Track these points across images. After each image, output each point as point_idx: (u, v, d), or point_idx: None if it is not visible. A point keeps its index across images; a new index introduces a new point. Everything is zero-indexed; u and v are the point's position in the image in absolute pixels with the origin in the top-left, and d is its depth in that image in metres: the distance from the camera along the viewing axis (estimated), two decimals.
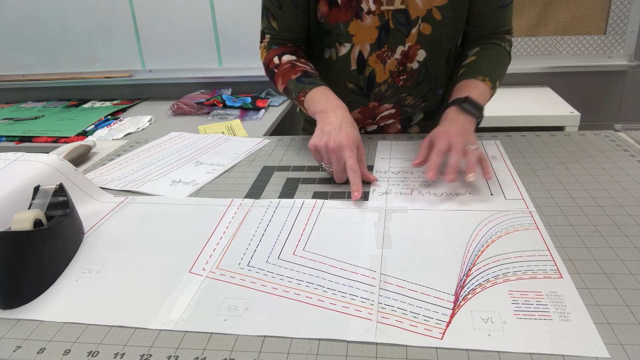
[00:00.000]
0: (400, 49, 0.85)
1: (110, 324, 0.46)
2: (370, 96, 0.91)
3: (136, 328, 0.45)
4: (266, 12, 0.88)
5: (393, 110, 0.93)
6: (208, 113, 1.78)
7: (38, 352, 0.43)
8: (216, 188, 0.74)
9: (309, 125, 1.03)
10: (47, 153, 0.70)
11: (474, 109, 0.75)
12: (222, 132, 1.55)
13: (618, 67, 1.87)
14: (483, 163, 0.69)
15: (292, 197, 0.69)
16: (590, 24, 1.83)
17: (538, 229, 0.57)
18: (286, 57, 0.86)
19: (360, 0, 0.81)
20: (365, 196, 0.68)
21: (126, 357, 0.42)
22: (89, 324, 0.46)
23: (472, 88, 0.78)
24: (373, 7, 0.81)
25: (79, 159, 0.89)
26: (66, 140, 1.60)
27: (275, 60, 0.87)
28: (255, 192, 0.72)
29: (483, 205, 0.63)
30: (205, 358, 0.41)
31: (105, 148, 0.96)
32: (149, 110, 1.90)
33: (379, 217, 0.61)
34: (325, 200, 0.67)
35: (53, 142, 1.61)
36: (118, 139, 1.45)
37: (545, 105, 1.73)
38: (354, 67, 0.87)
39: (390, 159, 0.80)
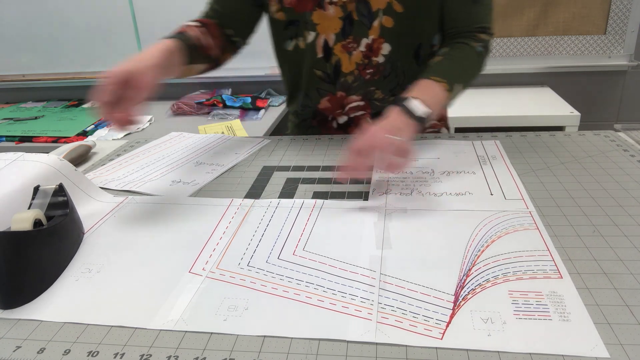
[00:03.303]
0: (364, 41, 0.85)
1: (110, 324, 0.46)
2: (337, 85, 0.91)
3: (136, 328, 0.45)
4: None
5: (362, 103, 0.93)
6: (208, 113, 1.78)
7: (38, 352, 0.43)
8: (216, 188, 0.74)
9: (293, 117, 1.04)
10: (47, 153, 0.70)
11: (412, 110, 0.68)
12: (222, 132, 1.55)
13: (618, 67, 1.87)
14: (401, 157, 0.64)
15: (292, 197, 0.69)
16: (590, 24, 1.83)
17: (538, 229, 0.57)
18: (189, 22, 0.85)
19: None
20: (365, 196, 0.68)
21: (126, 357, 0.42)
22: (88, 324, 0.46)
23: (423, 89, 0.73)
24: None
25: (79, 159, 0.89)
26: (66, 140, 1.61)
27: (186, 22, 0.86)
28: (255, 192, 0.72)
29: (483, 205, 0.63)
30: (205, 358, 0.41)
31: (105, 148, 0.96)
32: (149, 110, 1.90)
33: (379, 217, 0.61)
34: (325, 200, 0.67)
35: (53, 142, 1.61)
36: (118, 139, 1.45)
37: (545, 105, 1.73)
38: (320, 54, 0.88)
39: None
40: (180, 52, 0.77)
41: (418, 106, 0.68)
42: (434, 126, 1.00)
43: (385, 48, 0.85)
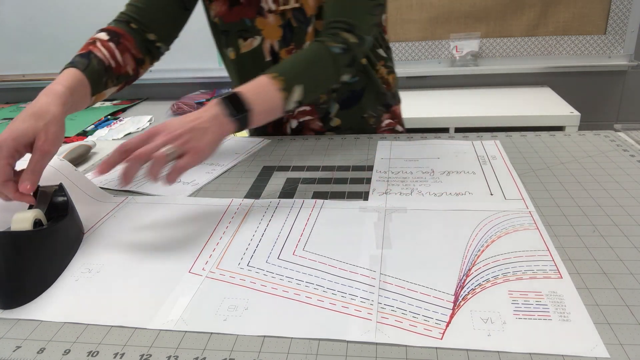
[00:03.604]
0: (305, 46, 0.85)
1: (110, 324, 0.46)
2: None
3: (136, 328, 0.45)
4: None
5: (308, 108, 0.93)
6: None
7: (38, 352, 0.43)
8: (216, 188, 0.74)
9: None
10: None
11: (229, 106, 0.60)
12: None
13: (618, 67, 1.87)
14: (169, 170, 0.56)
15: (292, 197, 0.69)
16: (590, 24, 1.83)
17: (538, 229, 0.57)
18: (100, 34, 0.80)
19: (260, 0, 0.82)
20: (365, 196, 0.68)
21: (126, 357, 0.42)
22: (88, 324, 0.46)
23: (254, 85, 0.65)
24: (273, 7, 0.83)
25: (79, 159, 0.89)
26: (66, 140, 1.60)
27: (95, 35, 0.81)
28: (255, 192, 0.72)
29: (483, 205, 0.63)
30: (205, 358, 0.41)
31: (105, 148, 0.96)
32: (149, 110, 1.90)
33: (378, 217, 0.61)
34: (325, 200, 0.67)
35: None
36: (118, 139, 1.45)
37: (545, 105, 1.73)
38: (268, 58, 0.88)
39: (390, 159, 0.80)
40: (87, 82, 0.71)
41: (238, 101, 0.61)
42: (389, 125, 1.00)
43: None
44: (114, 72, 0.79)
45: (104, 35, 0.80)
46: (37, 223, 0.53)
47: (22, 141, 0.56)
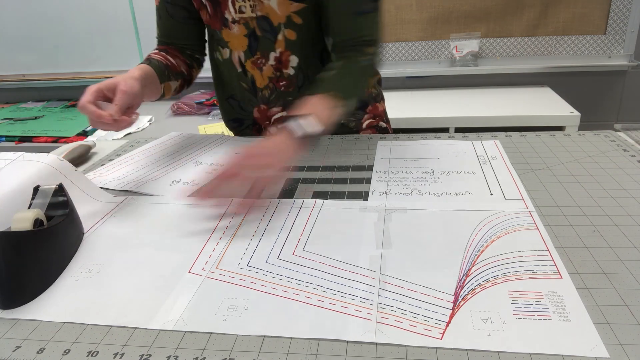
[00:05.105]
0: (272, 55, 0.87)
1: (109, 324, 0.46)
2: (257, 99, 0.93)
3: (136, 328, 0.45)
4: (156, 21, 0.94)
5: (285, 113, 0.94)
6: (208, 113, 1.78)
7: (38, 352, 0.43)
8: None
9: (233, 124, 1.04)
10: (47, 153, 0.70)
11: (303, 130, 0.66)
12: (222, 132, 1.55)
13: (618, 67, 1.87)
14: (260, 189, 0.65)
15: (292, 197, 0.69)
16: (590, 24, 1.83)
17: (538, 229, 0.57)
18: (150, 53, 0.89)
19: (223, 10, 0.85)
20: (365, 196, 0.68)
21: (126, 357, 0.42)
22: (88, 324, 0.46)
23: (317, 105, 0.71)
24: (236, 17, 0.84)
25: (79, 159, 0.89)
26: (66, 140, 1.61)
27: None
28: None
29: (483, 205, 0.63)
30: (204, 358, 0.41)
31: (105, 148, 0.96)
32: (149, 110, 1.90)
33: (378, 217, 0.61)
34: (325, 200, 0.67)
35: (53, 142, 1.61)
36: (118, 139, 1.45)
37: (545, 105, 1.73)
38: (239, 69, 0.91)
39: (390, 159, 0.80)
40: (154, 72, 0.83)
41: (312, 123, 0.67)
42: (370, 124, 0.99)
43: (293, 60, 0.87)
44: (172, 69, 0.90)
45: (153, 52, 0.91)
46: (37, 223, 0.53)
47: (105, 86, 0.71)
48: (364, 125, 0.99)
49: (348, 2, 0.78)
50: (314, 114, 0.68)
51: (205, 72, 1.00)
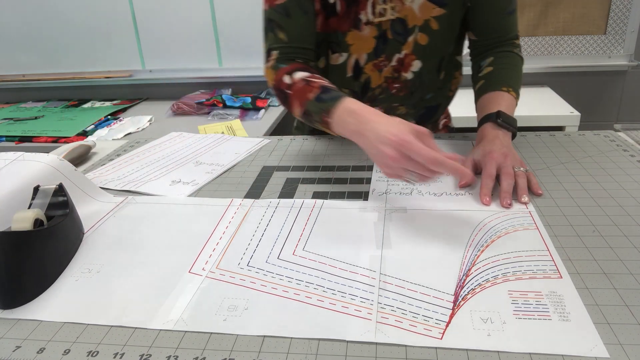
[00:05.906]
0: (396, 56, 0.85)
1: (109, 324, 0.46)
2: (364, 99, 0.90)
3: (136, 328, 0.45)
4: (271, 26, 0.80)
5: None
6: (208, 113, 1.78)
7: (38, 352, 0.43)
8: (216, 188, 0.74)
9: (301, 124, 1.03)
10: (47, 153, 0.70)
11: (508, 123, 0.74)
12: (222, 132, 1.55)
13: (618, 67, 1.87)
14: (531, 182, 0.66)
15: (292, 197, 0.69)
16: (590, 24, 1.83)
17: (538, 229, 0.57)
18: (298, 75, 0.74)
19: (359, 11, 0.80)
20: (365, 196, 0.68)
21: (126, 357, 0.42)
22: (88, 324, 0.46)
23: (500, 101, 0.78)
24: (372, 18, 0.81)
25: (79, 159, 0.89)
26: (66, 140, 1.60)
27: (286, 79, 0.75)
28: (255, 192, 0.72)
29: (483, 205, 0.63)
30: (204, 358, 0.41)
31: (105, 148, 0.96)
32: (149, 110, 1.90)
33: (378, 217, 0.61)
34: (325, 200, 0.67)
35: (53, 142, 1.61)
36: (118, 139, 1.45)
37: (545, 105, 1.73)
38: (349, 74, 0.87)
39: None
40: None
41: (510, 119, 0.75)
42: (445, 124, 1.02)
43: (416, 65, 0.86)
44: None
45: (301, 74, 0.75)
46: (37, 223, 0.53)
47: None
48: (440, 126, 1.00)
49: (503, 3, 0.82)
50: (507, 111, 0.75)
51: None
